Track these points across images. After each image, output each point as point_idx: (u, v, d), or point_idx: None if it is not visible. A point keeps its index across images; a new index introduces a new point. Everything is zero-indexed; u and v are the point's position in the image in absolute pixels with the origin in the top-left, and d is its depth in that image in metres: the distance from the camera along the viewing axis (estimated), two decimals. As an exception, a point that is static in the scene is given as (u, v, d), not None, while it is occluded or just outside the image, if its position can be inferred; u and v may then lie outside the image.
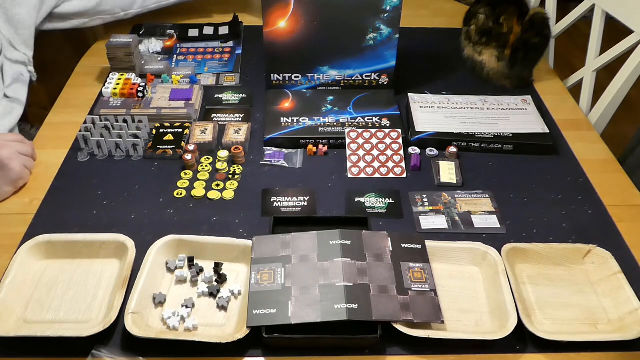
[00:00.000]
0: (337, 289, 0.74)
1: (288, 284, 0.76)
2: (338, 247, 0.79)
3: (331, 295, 0.74)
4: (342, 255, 0.78)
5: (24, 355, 0.71)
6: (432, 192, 0.96)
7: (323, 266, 0.77)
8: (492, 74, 1.22)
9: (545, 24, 1.19)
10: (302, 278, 0.76)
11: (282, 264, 0.78)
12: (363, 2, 1.05)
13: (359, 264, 0.78)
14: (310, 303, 0.73)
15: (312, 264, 0.78)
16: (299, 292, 0.75)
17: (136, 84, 1.14)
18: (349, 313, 0.72)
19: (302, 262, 0.78)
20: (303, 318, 0.72)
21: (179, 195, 0.94)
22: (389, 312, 0.73)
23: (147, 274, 0.77)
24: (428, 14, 1.51)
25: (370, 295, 0.75)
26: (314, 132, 1.05)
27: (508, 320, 0.72)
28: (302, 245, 0.80)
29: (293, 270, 0.77)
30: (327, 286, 0.75)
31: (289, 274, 0.77)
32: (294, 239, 0.81)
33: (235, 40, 1.35)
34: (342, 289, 0.74)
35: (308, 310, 0.72)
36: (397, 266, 0.79)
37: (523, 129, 1.06)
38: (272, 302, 0.74)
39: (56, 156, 1.01)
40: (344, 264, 0.77)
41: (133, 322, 0.71)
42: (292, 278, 0.76)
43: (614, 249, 0.84)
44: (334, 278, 0.76)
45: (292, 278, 0.76)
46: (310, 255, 0.79)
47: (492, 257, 0.80)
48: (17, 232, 0.86)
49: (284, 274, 0.77)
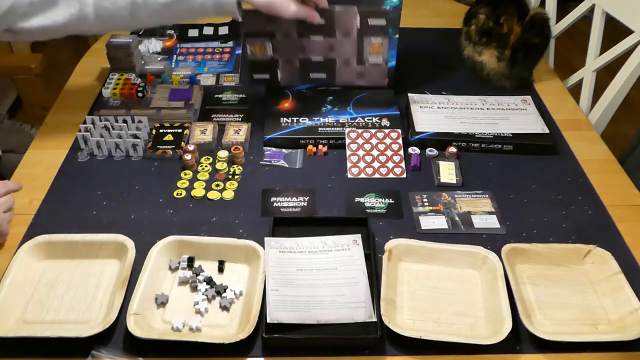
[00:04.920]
0: (312, 62, 1.08)
1: (275, 56, 1.07)
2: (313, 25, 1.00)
3: (307, 66, 1.09)
4: (317, 32, 1.04)
5: (23, 355, 0.71)
6: (432, 192, 0.96)
7: (301, 42, 1.05)
8: (492, 74, 1.22)
9: (545, 24, 1.19)
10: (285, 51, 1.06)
11: (269, 38, 1.05)
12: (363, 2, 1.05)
13: (330, 40, 1.05)
14: (292, 72, 1.09)
15: (292, 40, 1.05)
16: (284, 63, 1.08)
17: (136, 84, 1.14)
18: (318, 81, 1.10)
19: (285, 38, 1.05)
20: (289, 82, 1.11)
21: (179, 195, 0.94)
22: (347, 79, 1.10)
23: (149, 274, 0.77)
24: (428, 14, 1.51)
25: (336, 67, 1.08)
26: (313, 132, 1.05)
27: (502, 325, 0.72)
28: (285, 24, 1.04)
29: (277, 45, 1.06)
30: (305, 60, 1.07)
31: (275, 48, 1.06)
32: None
33: (235, 40, 1.35)
34: (315, 63, 1.08)
35: (291, 78, 1.10)
36: (360, 41, 1.05)
37: (523, 129, 1.06)
38: (265, 69, 1.10)
39: (56, 156, 1.01)
40: (318, 41, 1.05)
41: (135, 323, 0.71)
42: (278, 51, 1.06)
43: (614, 249, 0.84)
44: (309, 53, 1.07)
45: (278, 51, 1.06)
46: (291, 32, 1.04)
47: (492, 262, 0.80)
48: (17, 232, 0.86)
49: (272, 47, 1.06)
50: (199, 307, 0.75)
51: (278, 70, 1.10)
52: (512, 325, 0.72)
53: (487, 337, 0.72)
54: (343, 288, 0.76)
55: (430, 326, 0.74)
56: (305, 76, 1.11)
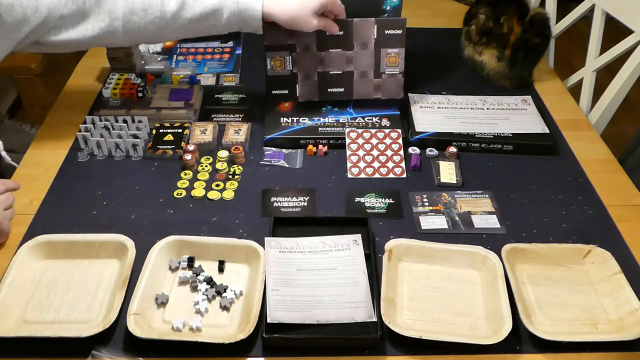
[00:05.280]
0: (331, 76, 1.07)
1: (295, 71, 1.05)
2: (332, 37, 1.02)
3: (326, 80, 1.07)
4: (335, 45, 1.04)
5: (23, 355, 0.71)
6: (432, 192, 0.96)
7: (320, 55, 1.05)
8: (492, 74, 1.22)
9: (546, 24, 1.19)
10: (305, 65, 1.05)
11: (289, 52, 1.04)
12: (363, 2, 1.05)
13: (347, 53, 1.04)
14: (311, 87, 1.08)
15: (311, 53, 1.04)
16: (303, 77, 1.07)
17: (136, 84, 1.14)
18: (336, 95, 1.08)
19: (304, 51, 1.04)
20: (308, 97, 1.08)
21: (179, 195, 0.94)
22: (364, 92, 1.09)
23: (149, 274, 0.77)
24: (428, 14, 1.51)
25: (354, 80, 1.07)
26: (313, 132, 1.05)
27: (503, 325, 0.72)
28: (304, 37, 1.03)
29: (298, 58, 1.04)
30: (324, 74, 1.06)
31: (295, 62, 1.05)
32: None
33: (235, 40, 1.35)
34: (334, 76, 1.07)
35: (310, 93, 1.08)
36: (377, 52, 1.04)
37: (523, 129, 1.06)
38: (284, 84, 1.07)
39: (56, 156, 1.01)
40: (336, 54, 1.04)
41: (135, 323, 0.71)
42: (298, 65, 1.05)
43: (614, 249, 0.84)
44: (328, 67, 1.06)
45: (298, 65, 1.05)
46: (310, 45, 1.03)
47: (492, 262, 0.80)
48: (17, 232, 0.86)
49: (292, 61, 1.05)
50: (199, 307, 0.75)
51: (297, 86, 1.07)
52: (512, 325, 0.72)
53: (487, 337, 0.72)
54: (343, 288, 0.76)
55: (431, 326, 0.74)
56: (323, 91, 1.09)
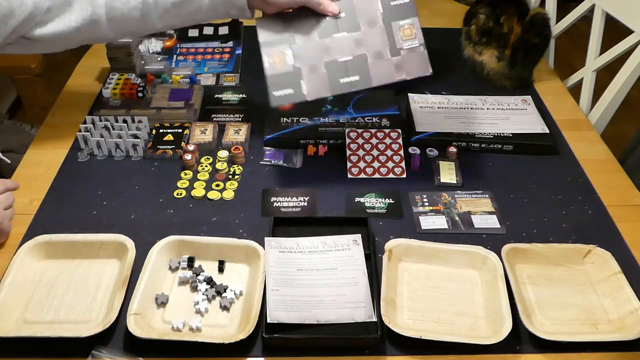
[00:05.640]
0: (340, 64, 0.89)
1: (298, 65, 0.89)
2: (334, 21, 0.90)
3: (335, 70, 0.89)
4: (339, 29, 0.90)
5: (23, 355, 0.71)
6: (432, 192, 0.96)
7: (324, 43, 0.90)
8: (492, 74, 1.22)
9: (546, 24, 1.19)
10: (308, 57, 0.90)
11: (288, 44, 0.90)
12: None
13: (355, 34, 0.89)
14: (320, 80, 0.89)
15: (314, 42, 0.90)
16: (308, 71, 0.89)
17: (136, 84, 1.14)
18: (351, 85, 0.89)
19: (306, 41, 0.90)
20: (318, 94, 0.89)
21: (179, 195, 0.94)
22: (385, 75, 0.89)
23: (149, 274, 0.77)
24: (428, 14, 1.50)
25: (368, 63, 0.89)
26: (314, 132, 1.05)
27: (503, 325, 0.72)
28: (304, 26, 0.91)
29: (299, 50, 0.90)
30: (331, 63, 0.89)
31: (297, 55, 0.89)
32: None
33: (235, 40, 1.35)
34: (344, 64, 0.89)
35: (319, 88, 0.89)
36: (388, 27, 0.90)
37: (523, 129, 1.06)
38: (288, 83, 0.89)
39: (56, 156, 1.01)
40: (342, 39, 0.90)
41: (135, 323, 0.71)
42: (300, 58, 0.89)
43: (614, 249, 0.84)
44: (335, 54, 0.89)
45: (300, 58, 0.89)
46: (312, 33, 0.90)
47: (492, 262, 0.80)
48: (17, 232, 0.86)
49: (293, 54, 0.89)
50: (199, 307, 0.75)
51: (302, 82, 0.89)
52: (512, 325, 0.72)
53: (487, 337, 0.72)
54: (343, 288, 0.76)
55: (431, 326, 0.74)
56: (334, 83, 0.90)
